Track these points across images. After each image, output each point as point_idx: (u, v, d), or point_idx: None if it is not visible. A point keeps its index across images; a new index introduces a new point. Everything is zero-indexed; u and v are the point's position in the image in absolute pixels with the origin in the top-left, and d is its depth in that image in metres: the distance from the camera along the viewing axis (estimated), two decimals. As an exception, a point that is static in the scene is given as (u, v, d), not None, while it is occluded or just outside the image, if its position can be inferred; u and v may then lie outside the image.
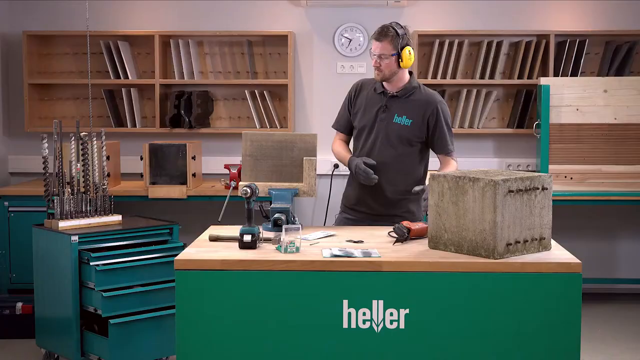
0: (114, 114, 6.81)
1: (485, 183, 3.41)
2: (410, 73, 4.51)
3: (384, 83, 4.47)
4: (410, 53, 4.37)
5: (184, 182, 6.25)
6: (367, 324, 3.44)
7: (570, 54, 6.59)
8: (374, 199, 4.47)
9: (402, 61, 4.37)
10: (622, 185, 6.47)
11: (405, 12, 6.81)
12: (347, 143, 4.71)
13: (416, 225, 3.86)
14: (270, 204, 4.10)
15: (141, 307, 5.01)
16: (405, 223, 3.85)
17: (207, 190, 6.35)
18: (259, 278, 3.45)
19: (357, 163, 4.39)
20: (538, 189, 3.52)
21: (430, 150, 4.59)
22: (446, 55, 6.67)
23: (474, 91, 6.69)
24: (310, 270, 3.46)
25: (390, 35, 4.33)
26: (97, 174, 5.25)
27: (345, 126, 4.64)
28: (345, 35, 6.83)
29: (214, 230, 4.06)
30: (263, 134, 4.35)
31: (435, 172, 3.76)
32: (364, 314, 3.44)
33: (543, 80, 6.44)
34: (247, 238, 3.65)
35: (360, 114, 4.52)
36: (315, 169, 4.24)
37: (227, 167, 6.36)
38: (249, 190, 3.75)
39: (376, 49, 4.36)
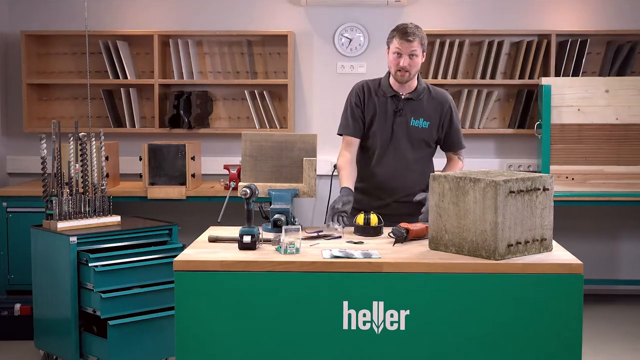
0: (113, 114, 6.81)
1: (486, 184, 3.41)
2: (418, 75, 4.49)
3: (393, 86, 4.44)
4: None
5: (183, 182, 6.25)
6: (368, 325, 3.44)
7: (571, 53, 6.59)
8: (395, 200, 4.44)
9: (423, 60, 4.39)
10: (624, 186, 6.46)
11: (406, 12, 6.81)
12: (355, 151, 4.50)
13: (415, 226, 3.86)
14: (270, 205, 4.10)
15: (140, 309, 5.01)
16: (404, 224, 3.85)
17: (206, 191, 6.35)
18: (259, 279, 3.45)
19: (336, 202, 4.19)
20: (539, 189, 3.52)
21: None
22: (447, 55, 6.67)
23: (475, 91, 6.70)
24: (310, 271, 3.45)
25: (418, 33, 4.29)
26: (95, 174, 5.25)
27: (358, 130, 4.46)
28: (345, 35, 6.83)
29: (214, 231, 4.06)
30: (263, 134, 4.35)
31: (438, 172, 3.75)
32: (364, 315, 3.44)
33: (544, 80, 6.44)
34: (247, 239, 3.65)
35: (376, 120, 4.44)
36: (315, 170, 4.24)
37: (226, 167, 6.36)
38: (248, 191, 3.75)
39: (407, 49, 4.27)
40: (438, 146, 4.57)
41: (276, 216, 3.98)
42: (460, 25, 6.79)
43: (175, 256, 3.60)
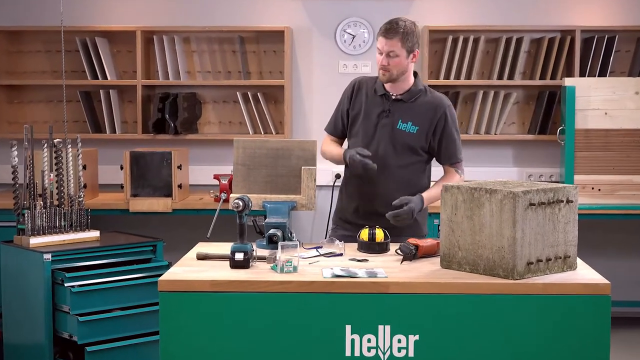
0: (91, 118, 6.82)
1: (504, 195, 3.43)
2: (416, 74, 4.53)
3: (386, 85, 4.49)
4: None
5: (168, 194, 6.26)
6: (373, 352, 3.45)
7: (598, 51, 6.61)
8: (375, 211, 4.48)
9: (412, 60, 4.41)
10: (656, 198, 6.48)
11: (415, 5, 6.83)
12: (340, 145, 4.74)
13: (425, 242, 3.87)
14: (265, 219, 4.11)
15: (121, 333, 5.01)
16: (413, 240, 3.86)
17: (194, 203, 6.36)
18: (252, 301, 3.46)
19: (352, 155, 4.38)
20: (562, 201, 3.53)
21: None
22: (460, 53, 6.68)
23: (491, 93, 6.71)
24: (309, 292, 3.46)
25: (401, 31, 4.34)
26: (72, 185, 5.26)
27: (342, 130, 4.64)
28: (348, 31, 6.85)
29: (202, 247, 4.07)
30: (257, 140, 4.37)
31: (448, 184, 3.76)
32: (369, 340, 3.45)
33: (568, 81, 6.45)
34: (239, 256, 3.66)
35: (360, 118, 4.52)
36: (315, 180, 4.25)
37: (216, 177, 6.37)
38: (241, 203, 3.76)
39: (384, 46, 4.36)
40: (433, 157, 4.60)
41: (271, 231, 3.99)
42: (475, 20, 6.80)
43: (160, 275, 3.61)
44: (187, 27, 6.81)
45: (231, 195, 4.16)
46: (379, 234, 4.03)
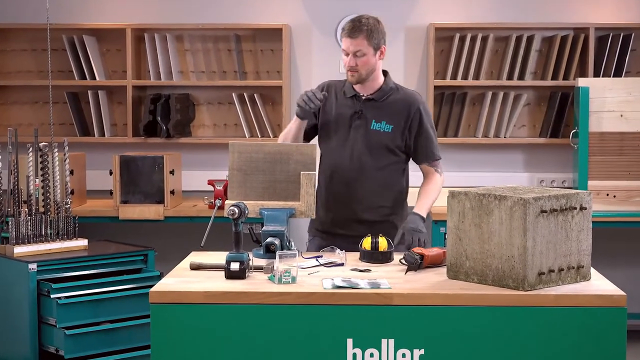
0: (79, 120, 6.82)
1: (514, 202, 3.42)
2: (385, 73, 4.58)
3: (355, 86, 4.53)
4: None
5: (160, 200, 6.26)
6: (376, 367, 3.46)
7: (612, 50, 6.61)
8: (353, 218, 4.49)
9: (380, 57, 4.46)
10: (674, 205, 6.48)
11: (420, 2, 6.83)
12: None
13: (431, 251, 3.87)
14: (262, 226, 4.11)
15: (110, 347, 5.01)
16: (418, 249, 3.87)
17: (187, 211, 6.36)
18: (249, 313, 3.46)
19: (300, 95, 4.40)
20: (575, 208, 3.53)
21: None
22: (468, 52, 6.68)
23: (501, 94, 6.71)
24: (308, 304, 3.46)
25: (365, 29, 4.40)
26: (58, 191, 5.26)
27: (307, 132, 4.62)
28: (349, 28, 6.84)
29: (196, 257, 4.06)
30: (253, 144, 4.37)
31: (455, 190, 3.76)
32: (372, 355, 3.44)
33: (581, 82, 6.45)
34: (235, 266, 3.66)
35: (332, 122, 4.54)
36: (315, 185, 4.25)
37: (211, 183, 6.37)
38: (236, 210, 3.76)
39: (350, 47, 4.41)
40: (410, 159, 4.63)
41: (269, 240, 3.99)
42: (484, 18, 6.80)
43: (152, 286, 3.61)
44: (180, 24, 6.81)
45: (226, 201, 4.15)
46: (382, 243, 4.04)
